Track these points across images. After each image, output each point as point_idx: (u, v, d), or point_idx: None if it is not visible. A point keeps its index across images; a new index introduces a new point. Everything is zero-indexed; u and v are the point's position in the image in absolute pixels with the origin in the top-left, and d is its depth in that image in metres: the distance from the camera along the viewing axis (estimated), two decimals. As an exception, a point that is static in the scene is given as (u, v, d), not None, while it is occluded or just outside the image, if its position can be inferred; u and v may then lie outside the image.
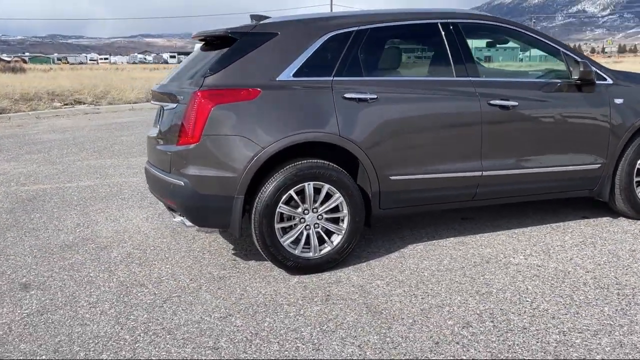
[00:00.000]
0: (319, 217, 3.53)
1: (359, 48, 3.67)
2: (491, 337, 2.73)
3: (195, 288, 3.37)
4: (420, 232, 4.32)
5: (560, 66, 4.18)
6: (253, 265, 3.73)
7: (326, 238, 3.56)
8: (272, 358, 2.59)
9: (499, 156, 3.92)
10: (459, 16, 3.99)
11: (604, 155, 4.18)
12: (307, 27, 3.65)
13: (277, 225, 3.44)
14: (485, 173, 3.88)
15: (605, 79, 4.19)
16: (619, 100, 4.16)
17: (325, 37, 3.58)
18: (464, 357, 2.56)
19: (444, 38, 3.84)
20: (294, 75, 3.49)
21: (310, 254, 3.53)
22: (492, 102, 3.83)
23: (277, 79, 3.46)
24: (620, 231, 4.24)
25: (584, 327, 2.80)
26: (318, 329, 2.86)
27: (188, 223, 3.52)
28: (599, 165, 4.19)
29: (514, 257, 3.77)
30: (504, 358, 2.54)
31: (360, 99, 3.54)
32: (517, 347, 2.63)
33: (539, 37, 4.16)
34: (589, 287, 3.28)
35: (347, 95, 3.52)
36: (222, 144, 3.37)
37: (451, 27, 3.86)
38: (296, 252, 3.50)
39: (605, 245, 3.96)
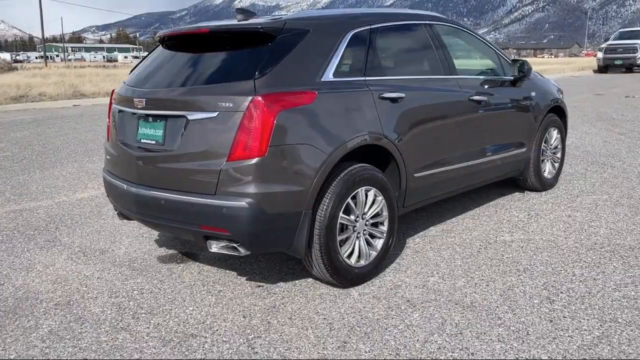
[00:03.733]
0: (366, 223, 3.35)
1: (381, 46, 3.57)
2: (577, 304, 3.04)
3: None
4: (405, 227, 4.40)
5: (496, 64, 4.74)
6: (309, 285, 3.33)
7: (372, 243, 3.40)
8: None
9: (479, 145, 4.29)
10: (443, 20, 4.32)
11: (529, 139, 4.91)
12: (333, 24, 3.39)
13: (339, 238, 3.16)
14: (471, 162, 4.19)
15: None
16: (533, 93, 4.93)
17: (349, 35, 3.38)
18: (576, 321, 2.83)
19: (444, 39, 4.04)
20: (334, 76, 3.21)
21: (362, 262, 3.33)
22: (471, 97, 4.15)
23: (322, 80, 3.14)
24: (543, 202, 5.03)
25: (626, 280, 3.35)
26: (447, 333, 2.77)
27: (243, 251, 2.94)
28: (526, 148, 4.90)
29: (502, 236, 4.17)
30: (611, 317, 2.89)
31: (393, 99, 3.46)
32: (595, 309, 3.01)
33: (482, 40, 4.65)
34: (584, 249, 3.86)
35: (384, 95, 3.40)
36: (290, 155, 2.91)
37: (436, 28, 4.08)
38: (353, 262, 3.27)
39: (549, 214, 4.66)
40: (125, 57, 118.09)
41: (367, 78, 3.40)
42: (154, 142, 3.16)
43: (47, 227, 4.65)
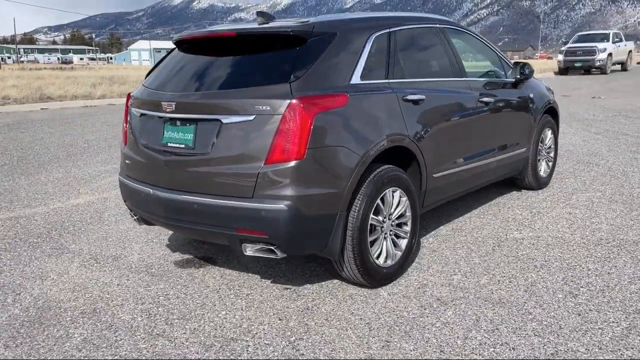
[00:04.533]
0: (392, 223, 3.40)
1: (400, 49, 3.62)
2: (599, 297, 3.18)
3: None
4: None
5: (498, 66, 4.87)
6: (338, 286, 3.35)
7: (398, 244, 3.45)
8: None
9: (487, 146, 4.41)
10: (451, 22, 4.39)
11: (529, 139, 5.06)
12: (358, 27, 3.41)
13: (369, 239, 3.20)
14: (481, 162, 4.30)
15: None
16: (532, 95, 5.08)
17: (372, 38, 3.42)
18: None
19: (453, 41, 4.13)
20: (361, 78, 3.24)
21: (389, 262, 3.37)
22: (481, 99, 4.26)
23: (350, 83, 3.17)
24: (541, 200, 5.18)
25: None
26: (484, 330, 2.84)
27: (279, 254, 2.94)
28: (526, 148, 5.05)
29: (511, 233, 4.28)
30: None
31: (415, 101, 3.52)
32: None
33: (485, 42, 4.77)
34: (591, 244, 4.00)
35: (407, 97, 3.46)
36: (326, 157, 2.93)
37: (450, 31, 4.17)
38: (381, 263, 3.31)
39: (550, 211, 4.81)
40: (81, 59, 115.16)
41: (390, 80, 3.46)
42: (183, 145, 3.13)
43: (49, 234, 4.52)
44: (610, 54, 26.02)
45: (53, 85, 20.06)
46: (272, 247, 2.94)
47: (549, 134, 5.49)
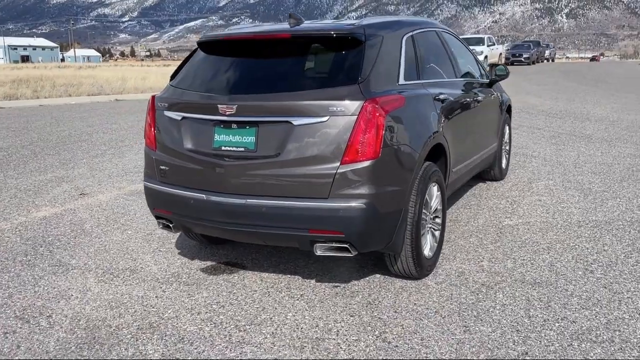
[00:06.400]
0: (432, 216, 3.58)
1: (421, 50, 3.80)
2: (611, 272, 3.62)
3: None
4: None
5: (474, 67, 5.23)
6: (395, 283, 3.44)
7: (435, 235, 3.65)
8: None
9: (479, 141, 4.77)
10: (441, 26, 4.63)
11: (496, 135, 5.50)
12: (395, 30, 3.54)
13: (421, 232, 3.36)
14: (474, 157, 4.63)
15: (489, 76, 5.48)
16: (499, 94, 5.53)
17: (404, 41, 3.57)
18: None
19: (451, 43, 4.39)
20: (404, 79, 3.39)
21: (430, 254, 3.55)
22: (476, 98, 4.58)
23: (399, 84, 3.30)
24: (508, 189, 5.65)
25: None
26: (539, 308, 3.12)
27: (353, 252, 3.00)
28: (496, 143, 5.49)
29: (504, 221, 4.66)
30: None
31: (442, 100, 3.73)
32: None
33: (464, 45, 5.10)
34: (575, 226, 4.49)
35: (438, 97, 3.66)
36: (396, 155, 3.05)
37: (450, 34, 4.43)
38: (427, 255, 3.48)
39: (522, 199, 5.28)
40: None
41: (422, 81, 3.64)
42: (242, 149, 3.06)
43: (36, 250, 4.14)
44: (486, 57, 28.43)
45: None
46: (346, 246, 2.99)
47: (507, 130, 6.01)
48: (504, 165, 6.00)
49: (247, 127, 3.05)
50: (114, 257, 3.99)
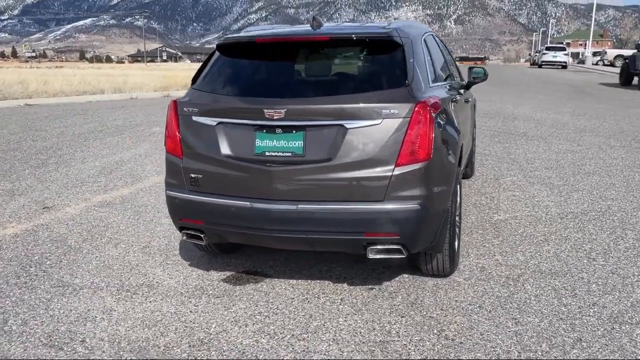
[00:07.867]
0: (457, 214, 3.69)
1: (433, 53, 3.90)
2: (611, 259, 3.92)
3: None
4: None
5: (454, 70, 5.42)
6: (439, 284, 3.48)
7: (457, 233, 3.76)
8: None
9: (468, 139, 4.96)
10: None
11: (471, 134, 5.76)
12: (417, 34, 3.60)
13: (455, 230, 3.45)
14: (467, 154, 4.82)
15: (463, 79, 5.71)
16: (472, 96, 5.79)
17: (423, 44, 3.66)
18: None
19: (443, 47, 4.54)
20: (432, 82, 3.47)
21: (458, 251, 3.67)
22: (466, 99, 4.77)
23: (430, 86, 3.37)
24: (481, 186, 5.92)
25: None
26: (569, 296, 3.32)
27: (406, 253, 3.02)
28: (473, 141, 5.75)
29: (494, 217, 4.89)
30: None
31: (456, 101, 3.85)
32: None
33: (446, 48, 5.28)
34: (558, 218, 4.81)
35: (454, 98, 3.78)
36: (443, 156, 3.12)
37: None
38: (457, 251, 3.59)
39: (498, 195, 5.56)
40: None
41: (440, 83, 3.75)
42: (289, 153, 2.99)
43: (27, 270, 3.78)
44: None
45: None
46: (399, 247, 3.01)
47: (474, 129, 6.31)
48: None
49: (294, 132, 2.99)
50: (121, 273, 3.74)
